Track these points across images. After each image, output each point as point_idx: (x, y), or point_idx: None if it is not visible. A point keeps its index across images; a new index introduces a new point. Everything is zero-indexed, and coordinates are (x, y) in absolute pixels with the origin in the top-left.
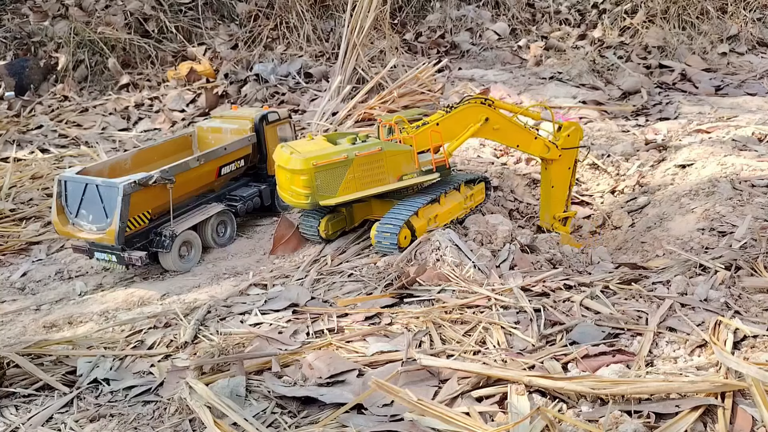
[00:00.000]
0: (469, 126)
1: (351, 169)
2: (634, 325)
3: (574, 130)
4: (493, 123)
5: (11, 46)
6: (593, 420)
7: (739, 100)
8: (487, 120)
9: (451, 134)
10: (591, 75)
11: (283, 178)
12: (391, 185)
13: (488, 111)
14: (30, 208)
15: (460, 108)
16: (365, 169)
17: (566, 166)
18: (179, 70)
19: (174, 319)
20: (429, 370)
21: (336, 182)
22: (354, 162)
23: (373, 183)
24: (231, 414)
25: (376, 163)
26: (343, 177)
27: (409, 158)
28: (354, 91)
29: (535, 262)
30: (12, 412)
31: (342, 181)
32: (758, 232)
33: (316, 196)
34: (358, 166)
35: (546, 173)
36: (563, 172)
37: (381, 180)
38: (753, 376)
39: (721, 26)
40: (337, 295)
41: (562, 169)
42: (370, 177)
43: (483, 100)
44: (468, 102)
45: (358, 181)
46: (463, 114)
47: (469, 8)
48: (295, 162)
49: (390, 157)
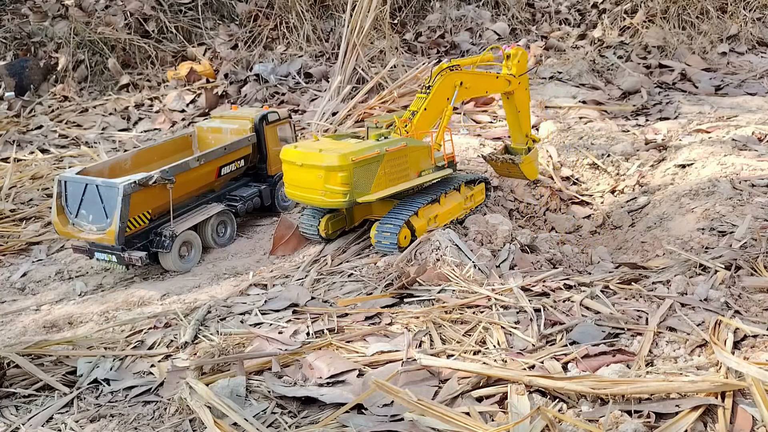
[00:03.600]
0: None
1: (382, 165)
2: (634, 324)
3: (522, 55)
4: (465, 84)
5: (11, 46)
6: (593, 420)
7: (739, 99)
8: (463, 84)
9: (438, 112)
10: (591, 75)
11: (310, 178)
12: (413, 181)
13: (459, 75)
14: (30, 208)
15: (437, 84)
16: (393, 165)
17: (524, 88)
18: (179, 71)
19: (174, 319)
20: (429, 370)
21: (369, 179)
22: (385, 158)
23: (398, 179)
24: (231, 414)
25: (401, 159)
26: (375, 173)
27: (426, 154)
28: (354, 91)
29: (535, 262)
30: (12, 412)
31: (375, 178)
32: (758, 231)
33: (354, 193)
34: (388, 161)
35: (509, 103)
36: (524, 94)
37: (405, 176)
38: (753, 376)
39: (721, 26)
40: (337, 295)
41: (522, 93)
42: (397, 173)
43: (450, 67)
44: (440, 75)
45: (387, 177)
46: (441, 88)
47: (469, 8)
48: (331, 158)
49: (412, 153)
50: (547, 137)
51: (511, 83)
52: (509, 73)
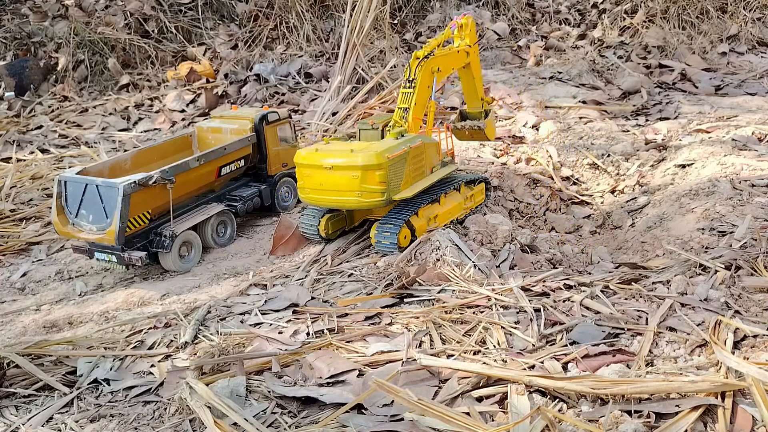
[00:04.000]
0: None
1: (408, 162)
2: (634, 324)
3: (471, 23)
4: (441, 68)
5: (11, 46)
6: (593, 420)
7: (739, 99)
8: (439, 69)
9: (424, 103)
10: (591, 75)
11: (342, 180)
12: (429, 179)
13: (434, 62)
14: (30, 208)
15: (419, 77)
16: (415, 162)
17: (475, 54)
18: (179, 71)
19: (174, 319)
20: (429, 370)
21: (399, 176)
22: (410, 154)
23: (418, 176)
24: (231, 414)
25: (421, 156)
26: (403, 170)
27: (436, 150)
28: (354, 91)
29: (535, 262)
30: (12, 412)
31: (403, 175)
32: (758, 231)
33: (390, 191)
34: (411, 158)
35: (466, 72)
36: (477, 62)
37: (422, 173)
38: (753, 376)
39: (721, 26)
40: (337, 295)
41: (476, 60)
42: (417, 170)
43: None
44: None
45: (412, 175)
46: (423, 79)
47: (469, 8)
48: (368, 157)
49: (427, 149)
50: (547, 137)
51: (470, 54)
52: (466, 44)
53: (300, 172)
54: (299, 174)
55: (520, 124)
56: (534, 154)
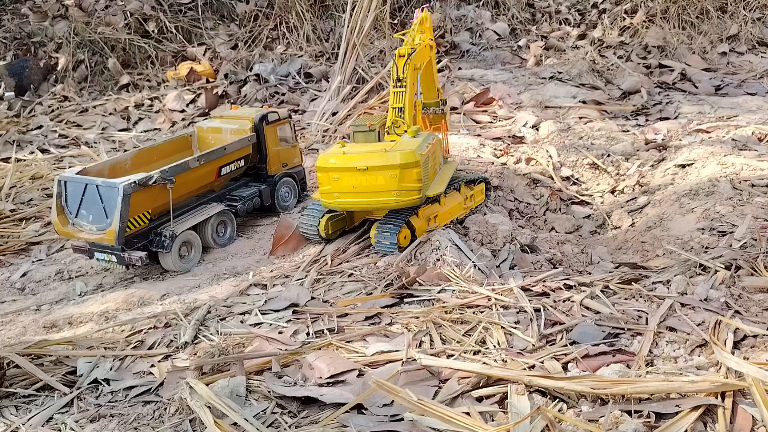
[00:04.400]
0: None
1: (430, 159)
2: (634, 324)
3: (428, 18)
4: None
5: (11, 46)
6: (593, 420)
7: (739, 99)
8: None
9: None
10: (591, 75)
11: (379, 181)
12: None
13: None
14: (30, 208)
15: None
16: (433, 159)
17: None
18: (179, 71)
19: (174, 319)
20: (429, 370)
21: (427, 173)
22: (431, 152)
23: (434, 174)
24: (231, 414)
25: (435, 153)
26: (429, 167)
27: (441, 147)
28: (354, 91)
29: (535, 262)
30: (12, 412)
31: (430, 173)
32: (758, 231)
33: (425, 188)
34: (431, 156)
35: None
36: (434, 55)
37: (435, 171)
38: (753, 376)
39: (721, 26)
40: (337, 295)
41: (433, 54)
42: (434, 167)
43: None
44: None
45: (432, 172)
46: (410, 79)
47: (469, 8)
48: (406, 156)
49: (438, 147)
50: (547, 137)
51: (432, 48)
52: (429, 38)
53: (326, 176)
54: (324, 179)
55: (520, 124)
56: (534, 154)
